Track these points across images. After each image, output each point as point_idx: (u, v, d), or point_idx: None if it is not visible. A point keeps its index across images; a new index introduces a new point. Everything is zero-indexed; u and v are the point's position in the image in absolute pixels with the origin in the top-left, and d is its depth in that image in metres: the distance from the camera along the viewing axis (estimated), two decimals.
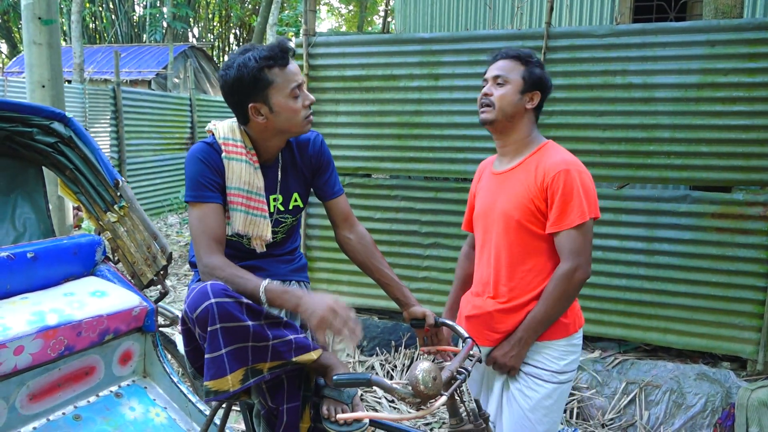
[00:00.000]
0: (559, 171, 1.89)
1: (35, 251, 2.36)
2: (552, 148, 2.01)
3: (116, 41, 20.02)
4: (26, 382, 2.10)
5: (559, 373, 1.99)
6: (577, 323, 2.03)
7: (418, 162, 4.03)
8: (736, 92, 3.32)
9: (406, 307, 1.97)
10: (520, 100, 1.98)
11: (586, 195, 1.89)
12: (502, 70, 1.99)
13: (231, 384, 1.58)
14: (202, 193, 1.75)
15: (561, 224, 1.90)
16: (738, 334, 3.49)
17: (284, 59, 1.72)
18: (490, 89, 2.00)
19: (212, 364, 1.56)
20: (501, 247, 2.02)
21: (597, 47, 3.53)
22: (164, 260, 2.60)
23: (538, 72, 2.00)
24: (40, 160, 2.75)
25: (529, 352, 2.01)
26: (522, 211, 1.95)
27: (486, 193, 2.13)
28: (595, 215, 1.91)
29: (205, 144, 1.82)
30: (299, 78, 1.76)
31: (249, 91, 1.73)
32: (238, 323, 1.55)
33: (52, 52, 4.87)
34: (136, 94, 8.95)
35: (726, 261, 3.46)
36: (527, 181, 1.96)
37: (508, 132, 2.02)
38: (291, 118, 1.77)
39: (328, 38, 4.14)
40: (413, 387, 1.40)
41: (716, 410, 3.41)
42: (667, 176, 3.51)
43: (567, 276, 1.89)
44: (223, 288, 1.56)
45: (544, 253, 1.97)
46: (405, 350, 4.11)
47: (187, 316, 1.58)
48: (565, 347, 2.00)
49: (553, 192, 1.89)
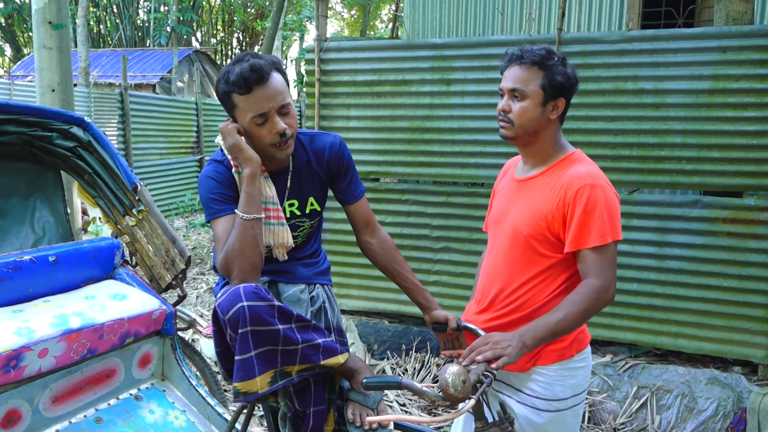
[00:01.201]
0: (583, 185, 1.73)
1: (56, 255, 2.38)
2: (578, 159, 1.85)
3: (120, 45, 20.10)
4: (49, 384, 2.12)
5: (555, 400, 1.85)
6: (575, 347, 1.87)
7: (429, 167, 4.05)
8: (747, 98, 3.34)
9: (428, 311, 1.98)
10: (542, 113, 1.81)
11: (609, 215, 1.73)
12: (518, 82, 1.80)
13: (260, 386, 1.59)
14: (219, 208, 1.77)
15: (580, 242, 1.73)
16: (749, 339, 3.50)
17: (245, 87, 1.67)
18: (508, 104, 1.83)
19: (242, 365, 1.58)
20: (503, 260, 1.90)
21: (609, 53, 3.56)
22: (183, 264, 2.61)
23: (560, 77, 1.79)
24: (59, 164, 2.77)
25: (521, 380, 1.88)
26: (532, 228, 1.81)
27: (502, 199, 2.01)
28: (616, 238, 1.73)
29: (214, 162, 1.84)
30: (267, 106, 1.69)
31: (225, 108, 1.80)
32: (269, 327, 1.57)
33: (62, 56, 4.90)
34: (143, 98, 8.99)
35: (737, 266, 3.48)
36: (546, 193, 1.82)
37: (532, 145, 1.87)
38: (258, 144, 1.76)
39: (339, 43, 4.17)
40: (443, 390, 1.42)
41: (728, 415, 3.42)
42: (678, 181, 3.53)
43: (599, 292, 1.70)
44: (255, 291, 1.58)
45: (549, 275, 1.83)
46: (416, 354, 4.13)
47: (220, 318, 1.60)
48: (560, 371, 1.85)
49: (574, 207, 1.74)
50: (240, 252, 1.67)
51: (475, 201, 3.97)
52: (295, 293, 1.86)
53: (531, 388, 1.86)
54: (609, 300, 1.73)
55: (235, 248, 1.67)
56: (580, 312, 1.70)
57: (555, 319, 1.69)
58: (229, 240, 1.69)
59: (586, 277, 1.74)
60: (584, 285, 1.73)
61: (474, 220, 3.97)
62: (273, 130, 1.72)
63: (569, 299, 1.73)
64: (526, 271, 1.84)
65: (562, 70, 1.80)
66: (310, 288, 1.93)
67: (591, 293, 1.70)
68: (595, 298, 1.70)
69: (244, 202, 1.71)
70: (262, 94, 1.69)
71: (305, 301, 1.87)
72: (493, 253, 1.96)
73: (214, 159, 1.84)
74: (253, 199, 1.71)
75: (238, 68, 1.67)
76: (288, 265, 1.91)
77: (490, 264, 1.97)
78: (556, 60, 1.81)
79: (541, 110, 1.81)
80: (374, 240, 2.00)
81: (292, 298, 1.85)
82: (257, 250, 1.69)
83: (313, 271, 1.96)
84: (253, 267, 1.68)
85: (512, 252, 1.87)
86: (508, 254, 1.88)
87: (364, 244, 2.01)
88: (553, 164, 1.86)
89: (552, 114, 1.83)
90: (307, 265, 1.95)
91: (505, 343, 1.64)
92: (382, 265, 2.00)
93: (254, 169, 1.72)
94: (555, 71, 1.79)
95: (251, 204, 1.71)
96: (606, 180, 1.79)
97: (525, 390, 1.87)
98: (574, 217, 1.73)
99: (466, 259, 4.03)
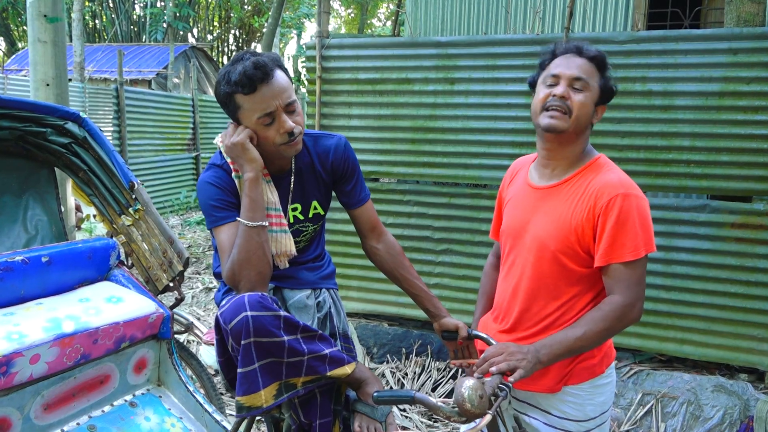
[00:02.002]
0: (615, 195, 1.62)
1: (50, 255, 2.29)
2: (605, 165, 1.73)
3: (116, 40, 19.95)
4: (41, 391, 2.03)
5: (585, 420, 1.76)
6: (604, 362, 1.78)
7: (431, 167, 3.97)
8: (758, 101, 3.28)
9: (437, 319, 1.90)
10: (593, 112, 1.70)
11: (642, 226, 1.62)
12: (583, 72, 1.66)
13: (264, 400, 1.52)
14: (221, 215, 1.69)
15: (611, 256, 1.62)
16: (756, 346, 3.44)
17: (250, 87, 1.59)
18: (568, 91, 1.66)
19: (245, 379, 1.50)
20: (528, 278, 1.77)
21: (617, 53, 3.49)
22: (181, 266, 2.53)
23: (612, 84, 1.72)
24: (52, 160, 2.68)
25: (550, 399, 1.77)
26: (560, 243, 1.69)
27: (518, 208, 1.85)
28: (650, 250, 1.64)
29: (214, 167, 1.76)
30: (273, 104, 1.62)
31: (225, 110, 1.69)
32: (274, 338, 1.49)
33: (57, 50, 4.81)
34: (140, 93, 8.88)
35: (745, 272, 3.41)
36: (573, 203, 1.69)
37: (569, 145, 1.73)
38: (264, 144, 1.68)
39: (341, 40, 4.08)
40: (459, 405, 1.34)
41: (734, 423, 3.36)
42: (686, 185, 3.46)
43: (623, 310, 1.61)
44: (260, 300, 1.50)
45: (577, 292, 1.73)
46: (416, 358, 4.05)
47: (222, 328, 1.52)
48: (590, 390, 1.76)
49: (606, 219, 1.62)
50: (246, 261, 1.58)
51: (477, 203, 3.90)
52: (301, 299, 1.78)
53: (561, 409, 1.76)
54: (634, 319, 1.63)
55: (241, 258, 1.59)
56: (601, 331, 1.61)
57: (574, 336, 1.60)
58: (234, 250, 1.61)
59: (612, 292, 1.64)
60: (608, 302, 1.63)
61: (477, 222, 3.90)
62: (281, 130, 1.64)
63: (591, 316, 1.63)
64: (555, 289, 1.73)
65: (611, 78, 1.73)
66: (316, 293, 1.85)
67: (615, 311, 1.61)
68: (619, 316, 1.61)
69: (248, 208, 1.62)
70: (268, 93, 1.61)
71: (312, 307, 1.79)
72: (516, 268, 1.82)
73: (213, 163, 1.75)
74: (257, 204, 1.63)
75: (240, 67, 1.58)
76: (292, 270, 1.83)
77: (511, 279, 1.84)
78: (610, 68, 1.73)
79: (593, 110, 1.70)
80: (381, 245, 1.92)
81: (299, 305, 1.77)
82: (264, 258, 1.61)
83: (318, 275, 1.88)
84: (261, 276, 1.60)
85: (538, 268, 1.74)
86: (533, 270, 1.76)
87: (371, 250, 1.93)
88: (577, 171, 1.74)
89: (595, 119, 1.73)
90: (311, 270, 1.88)
91: (521, 356, 1.56)
92: (389, 271, 1.92)
93: (256, 171, 1.64)
94: (608, 77, 1.72)
95: (255, 209, 1.62)
96: (636, 187, 1.69)
97: (554, 411, 1.77)
98: (605, 229, 1.62)
99: (468, 261, 3.96)
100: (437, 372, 3.96)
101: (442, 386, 3.87)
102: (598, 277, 1.72)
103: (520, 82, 3.68)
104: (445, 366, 3.98)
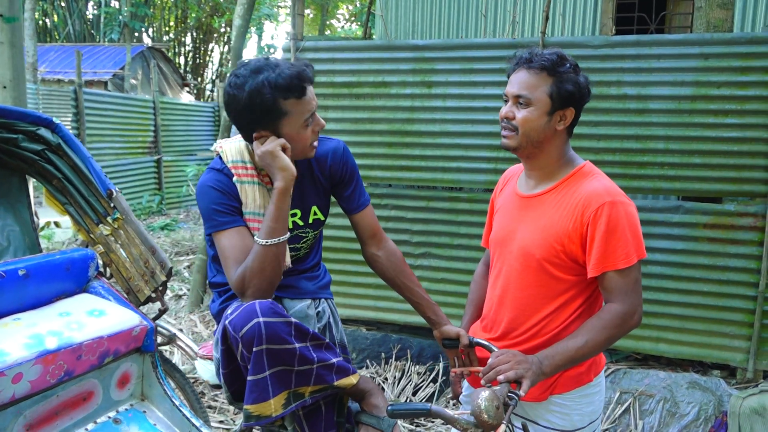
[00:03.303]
0: (603, 204, 1.61)
1: (26, 268, 2.18)
2: (590, 173, 1.73)
3: (69, 40, 19.34)
4: (23, 411, 1.93)
5: (573, 431, 1.76)
6: (593, 370, 1.78)
7: (409, 171, 3.96)
8: (728, 105, 3.38)
9: (438, 326, 1.88)
10: (548, 123, 1.67)
11: (632, 232, 1.62)
12: (524, 88, 1.67)
13: (273, 408, 1.48)
14: (224, 220, 1.66)
15: (605, 265, 1.62)
16: (728, 343, 3.54)
17: (302, 90, 1.60)
18: (511, 111, 1.70)
19: (255, 387, 1.46)
20: (515, 286, 1.78)
21: (592, 58, 3.54)
22: (164, 276, 2.45)
23: (570, 85, 1.66)
24: (24, 168, 2.56)
25: (536, 409, 1.77)
26: (545, 251, 1.69)
27: (506, 217, 1.86)
28: (641, 256, 1.65)
29: (215, 171, 1.72)
30: (314, 105, 1.66)
31: (259, 119, 1.62)
32: (286, 345, 1.46)
33: (14, 52, 4.62)
34: (99, 95, 8.63)
35: (717, 271, 3.51)
36: (559, 212, 1.69)
37: (536, 157, 1.74)
38: (296, 147, 1.67)
39: (316, 43, 4.04)
40: (477, 417, 1.33)
41: (709, 418, 3.45)
42: (660, 187, 3.54)
43: (623, 319, 1.61)
44: (272, 306, 1.47)
45: (566, 299, 1.73)
46: (396, 362, 4.03)
47: (231, 336, 1.47)
48: (578, 399, 1.76)
49: (594, 228, 1.61)
50: (261, 271, 1.55)
51: (455, 206, 3.91)
52: (302, 309, 1.75)
53: (547, 419, 1.76)
54: (634, 325, 1.63)
55: (254, 267, 1.55)
56: (603, 340, 1.61)
57: (575, 346, 1.60)
58: (250, 257, 1.57)
59: (610, 300, 1.64)
60: (608, 310, 1.63)
61: (455, 225, 3.90)
62: (316, 128, 1.67)
63: (591, 324, 1.62)
64: (542, 297, 1.73)
65: (572, 78, 1.68)
66: (316, 303, 1.82)
67: (615, 319, 1.61)
68: (619, 324, 1.61)
69: (272, 218, 1.58)
70: (310, 94, 1.64)
71: (312, 317, 1.77)
72: (503, 277, 1.83)
73: (213, 168, 1.71)
74: (283, 215, 1.59)
75: (285, 71, 1.56)
76: (292, 279, 1.79)
77: (498, 288, 1.84)
78: (568, 66, 1.68)
79: (547, 120, 1.67)
80: (381, 252, 1.89)
81: (300, 314, 1.74)
82: (279, 269, 1.58)
83: (316, 284, 1.86)
84: (270, 286, 1.57)
85: (524, 276, 1.75)
86: (519, 279, 1.76)
87: (371, 257, 1.91)
88: (562, 179, 1.73)
89: (559, 125, 1.70)
90: (310, 279, 1.85)
91: (527, 365, 1.56)
92: (390, 278, 1.90)
93: (287, 181, 1.60)
94: (565, 79, 1.66)
95: (279, 221, 1.58)
96: (623, 194, 1.68)
97: (541, 421, 1.77)
98: (595, 238, 1.62)
99: (447, 264, 3.96)
100: (417, 376, 3.95)
101: (423, 390, 3.86)
102: (586, 285, 1.73)
103: (497, 85, 3.71)
104: (425, 370, 3.98)
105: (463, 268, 3.90)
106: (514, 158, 3.71)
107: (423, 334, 4.08)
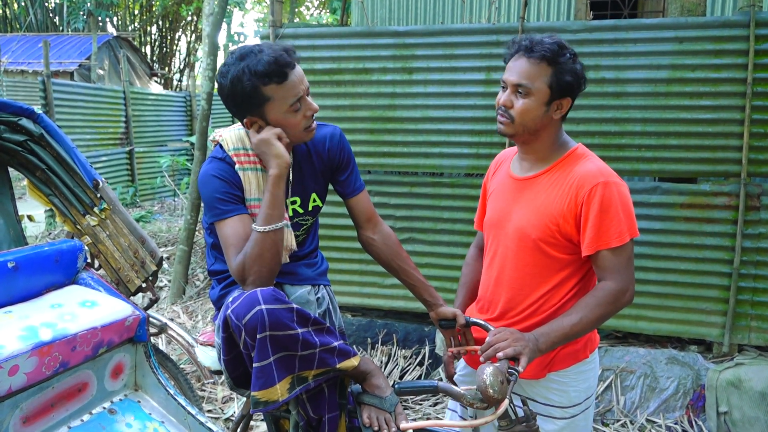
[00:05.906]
0: (596, 184, 1.66)
1: (15, 260, 2.16)
2: (584, 155, 1.76)
3: (31, 30, 18.84)
4: (20, 404, 1.92)
5: (570, 406, 1.81)
6: (588, 347, 1.83)
7: (391, 157, 3.98)
8: (702, 87, 3.46)
9: (434, 308, 1.92)
10: (545, 112, 1.69)
11: (624, 211, 1.66)
12: (524, 78, 1.66)
13: (280, 393, 1.50)
14: (227, 208, 1.66)
15: (598, 244, 1.66)
16: (705, 319, 3.65)
17: (282, 75, 1.59)
18: (509, 99, 1.70)
19: (261, 373, 1.48)
20: (512, 267, 1.81)
21: (571, 42, 3.53)
22: (154, 265, 2.45)
23: (569, 75, 1.67)
24: (6, 159, 2.52)
25: (534, 387, 1.82)
26: (541, 231, 1.72)
27: (500, 200, 1.88)
28: (634, 234, 1.69)
29: (216, 159, 1.73)
30: (301, 89, 1.64)
31: (244, 106, 1.64)
32: (289, 331, 1.48)
33: None
34: (68, 86, 8.44)
35: (694, 249, 3.61)
36: (553, 193, 1.72)
37: (531, 143, 1.77)
38: (289, 132, 1.68)
39: (296, 30, 4.02)
40: (482, 392, 1.37)
41: (687, 392, 3.57)
42: (638, 168, 3.62)
43: (616, 296, 1.65)
44: (273, 293, 1.48)
45: (561, 278, 1.77)
46: (382, 347, 4.07)
47: (234, 324, 1.49)
48: (575, 375, 1.80)
49: (588, 207, 1.66)
50: (260, 257, 1.56)
51: (438, 191, 3.94)
52: (303, 295, 1.77)
53: (545, 395, 1.81)
54: (627, 302, 1.68)
55: (254, 254, 1.56)
56: (597, 317, 1.65)
57: (570, 323, 1.64)
58: (248, 244, 1.58)
59: (603, 278, 1.69)
60: (601, 288, 1.67)
61: (438, 210, 3.94)
62: (308, 113, 1.65)
63: (585, 302, 1.66)
64: (538, 276, 1.77)
65: (571, 68, 1.69)
66: (315, 289, 1.84)
67: (608, 296, 1.65)
68: (613, 301, 1.65)
69: (268, 205, 1.59)
70: (296, 78, 1.62)
71: (313, 303, 1.79)
72: (499, 258, 1.86)
73: (215, 156, 1.72)
74: (278, 202, 1.60)
75: (264, 57, 1.55)
76: (292, 266, 1.81)
77: (494, 270, 1.88)
78: (568, 56, 1.69)
79: (545, 109, 1.69)
80: (377, 236, 1.92)
81: (301, 300, 1.75)
82: (278, 256, 1.60)
83: (315, 271, 1.88)
84: (271, 273, 1.58)
85: (520, 257, 1.79)
86: (515, 259, 1.80)
87: (366, 240, 1.93)
88: (556, 162, 1.77)
89: (556, 114, 1.73)
90: (309, 266, 1.87)
91: (524, 342, 1.60)
92: (386, 261, 1.92)
93: (281, 168, 1.62)
94: (565, 69, 1.67)
95: (275, 207, 1.59)
96: (615, 174, 1.73)
97: (538, 398, 1.81)
98: (589, 217, 1.66)
99: (431, 249, 3.99)
100: (404, 360, 4.00)
101: (409, 374, 3.91)
102: (581, 264, 1.77)
103: (477, 71, 3.74)
104: (411, 354, 4.02)
105: (446, 252, 3.94)
106: (496, 143, 3.76)
107: (408, 319, 4.13)
